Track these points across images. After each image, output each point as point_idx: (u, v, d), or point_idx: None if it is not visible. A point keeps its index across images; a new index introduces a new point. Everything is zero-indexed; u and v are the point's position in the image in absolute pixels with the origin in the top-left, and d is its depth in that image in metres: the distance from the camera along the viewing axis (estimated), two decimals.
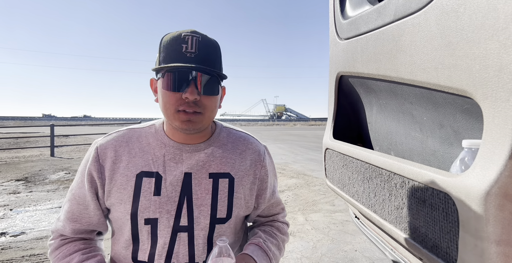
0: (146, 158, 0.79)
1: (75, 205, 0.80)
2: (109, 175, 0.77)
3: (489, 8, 0.55)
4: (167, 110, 0.73)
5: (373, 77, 0.98)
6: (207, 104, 0.74)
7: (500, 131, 0.52)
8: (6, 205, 4.02)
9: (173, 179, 0.78)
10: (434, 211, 0.64)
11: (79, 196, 0.80)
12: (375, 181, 0.91)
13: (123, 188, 0.76)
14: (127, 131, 0.85)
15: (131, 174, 0.77)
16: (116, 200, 0.77)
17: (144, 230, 0.76)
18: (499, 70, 0.53)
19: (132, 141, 0.82)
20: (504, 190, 0.50)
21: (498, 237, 0.50)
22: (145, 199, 0.76)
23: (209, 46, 0.74)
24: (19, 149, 9.51)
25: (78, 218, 0.80)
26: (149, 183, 0.76)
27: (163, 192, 0.77)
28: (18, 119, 49.71)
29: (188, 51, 0.71)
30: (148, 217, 0.76)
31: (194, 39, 0.72)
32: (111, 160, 0.78)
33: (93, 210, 0.79)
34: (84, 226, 0.81)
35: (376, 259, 2.51)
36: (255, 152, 0.89)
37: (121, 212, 0.77)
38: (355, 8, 1.13)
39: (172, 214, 0.76)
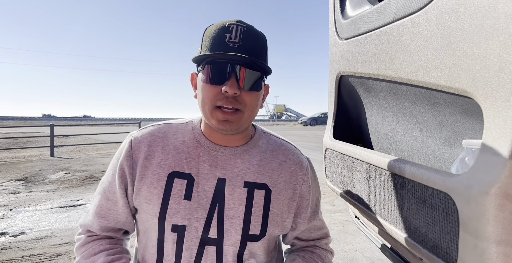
0: (179, 156, 0.74)
1: (104, 200, 0.76)
2: (140, 172, 0.72)
3: (489, 8, 0.55)
4: (205, 105, 0.68)
5: (373, 77, 0.98)
6: (247, 101, 0.67)
7: (500, 131, 0.52)
8: (6, 205, 4.02)
9: (206, 184, 0.72)
10: (434, 211, 0.64)
11: (109, 190, 0.75)
12: (375, 181, 0.91)
13: (153, 187, 0.71)
14: (164, 126, 0.79)
15: (163, 173, 0.72)
16: (145, 199, 0.71)
17: (170, 238, 0.70)
18: (499, 70, 0.53)
19: (168, 137, 0.76)
20: (505, 190, 0.50)
21: (499, 237, 0.50)
22: (175, 203, 0.70)
23: (254, 37, 0.68)
24: (19, 149, 9.51)
25: (106, 214, 0.76)
26: (180, 185, 0.71)
27: (194, 197, 0.71)
28: (18, 119, 49.76)
29: (231, 40, 0.65)
30: (176, 224, 0.70)
31: (239, 28, 0.66)
32: (144, 155, 0.73)
33: (121, 207, 0.75)
34: (111, 224, 0.77)
35: (376, 259, 2.51)
36: (296, 163, 0.81)
37: (149, 214, 0.71)
38: (355, 8, 1.13)
39: (201, 223, 0.70)
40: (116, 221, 0.77)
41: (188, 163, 0.73)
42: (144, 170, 0.72)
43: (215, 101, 0.66)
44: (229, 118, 0.66)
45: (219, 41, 0.66)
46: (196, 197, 0.71)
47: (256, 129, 0.83)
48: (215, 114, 0.67)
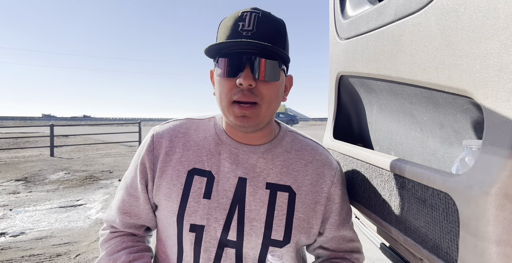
0: (200, 153, 0.71)
1: (126, 195, 0.75)
2: (160, 168, 0.70)
3: (490, 8, 0.55)
4: (222, 101, 0.64)
5: (373, 77, 0.97)
6: (264, 92, 0.62)
7: (501, 131, 0.52)
8: (6, 205, 4.02)
9: (226, 182, 0.69)
10: (435, 211, 0.64)
11: (131, 186, 0.74)
12: (375, 181, 0.91)
13: (173, 184, 0.69)
14: (186, 121, 0.77)
15: (183, 169, 0.70)
16: (164, 196, 0.70)
17: (188, 238, 0.68)
18: (499, 70, 0.52)
19: (189, 132, 0.74)
20: (505, 190, 0.50)
21: (499, 237, 0.50)
22: (194, 201, 0.68)
23: (270, 23, 0.63)
24: (19, 149, 9.50)
25: (128, 210, 0.75)
26: (200, 183, 0.69)
27: (213, 196, 0.68)
28: (17, 119, 49.72)
29: (244, 29, 0.61)
30: (194, 223, 0.67)
31: (253, 15, 0.62)
32: (164, 150, 0.71)
33: (143, 203, 0.73)
34: (133, 220, 0.75)
35: (376, 259, 2.51)
36: (324, 165, 0.76)
37: (168, 212, 0.69)
38: (355, 7, 1.13)
39: (220, 224, 0.67)
40: (138, 217, 0.75)
41: (208, 160, 0.70)
42: (164, 166, 0.70)
43: (231, 95, 0.62)
44: (246, 113, 0.62)
45: (232, 31, 0.61)
46: (216, 196, 0.68)
47: (281, 127, 0.79)
48: (232, 110, 0.63)
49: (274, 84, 0.64)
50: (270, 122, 0.71)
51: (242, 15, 0.62)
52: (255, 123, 0.64)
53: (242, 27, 0.61)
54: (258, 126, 0.65)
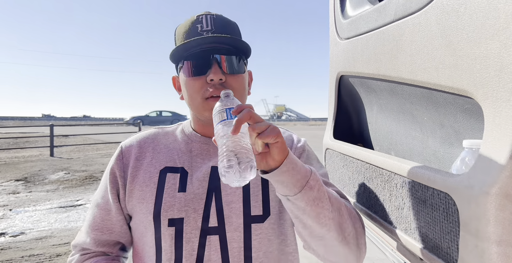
0: (171, 153, 0.73)
1: (97, 211, 0.74)
2: (131, 173, 0.71)
3: (490, 8, 0.55)
4: (194, 100, 0.67)
5: (374, 77, 0.97)
6: (234, 85, 0.66)
7: (501, 131, 0.52)
8: (6, 205, 4.02)
9: (200, 174, 0.70)
10: (435, 211, 0.64)
11: (102, 199, 0.74)
12: (375, 181, 0.91)
13: (146, 185, 0.70)
14: (153, 130, 0.80)
15: (155, 170, 0.71)
16: (138, 199, 0.69)
17: (167, 234, 0.67)
18: (499, 70, 0.52)
19: (158, 138, 0.77)
20: (505, 190, 0.50)
21: (499, 237, 0.50)
22: (169, 196, 0.68)
23: (227, 22, 0.68)
24: (19, 149, 9.50)
25: (100, 226, 0.73)
26: (173, 179, 0.69)
27: (188, 188, 0.69)
28: (17, 119, 49.69)
29: (204, 29, 0.65)
30: (172, 217, 0.67)
31: (209, 17, 0.66)
32: (134, 156, 0.73)
33: (115, 215, 0.73)
34: (106, 235, 0.73)
35: (376, 259, 2.51)
36: (289, 140, 0.79)
37: (143, 213, 0.68)
38: (356, 7, 1.13)
39: (199, 213, 0.67)
40: (111, 231, 0.74)
41: (180, 158, 0.72)
42: (135, 171, 0.71)
43: (203, 92, 0.65)
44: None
45: (191, 34, 0.65)
46: (191, 188, 0.69)
47: None
48: (207, 104, 0.65)
49: (241, 77, 0.68)
50: None
51: (198, 18, 0.66)
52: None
53: (201, 29, 0.65)
54: None
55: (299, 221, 0.58)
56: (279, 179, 0.54)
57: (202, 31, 0.65)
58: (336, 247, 0.60)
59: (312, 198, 0.55)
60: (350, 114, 1.36)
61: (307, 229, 0.58)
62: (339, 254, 0.62)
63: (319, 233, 0.58)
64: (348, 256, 0.62)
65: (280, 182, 0.54)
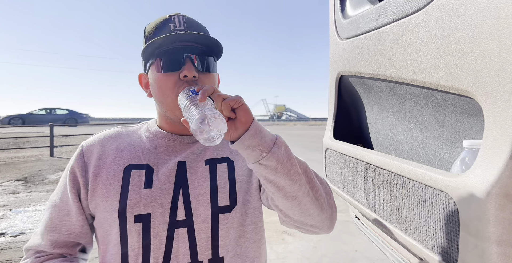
0: (135, 151, 0.72)
1: (55, 212, 0.71)
2: (94, 172, 0.70)
3: (490, 8, 0.55)
4: (166, 97, 0.66)
5: (374, 77, 0.97)
6: (207, 83, 0.67)
7: (501, 131, 0.52)
8: (6, 205, 4.01)
9: (166, 169, 0.70)
10: (435, 211, 0.64)
11: (61, 200, 0.71)
12: (375, 181, 0.90)
13: (109, 183, 0.68)
14: (117, 129, 0.79)
15: (119, 168, 0.70)
16: (101, 198, 0.68)
17: (133, 230, 0.66)
18: (499, 70, 0.52)
19: (122, 136, 0.75)
20: (505, 190, 0.50)
21: (499, 237, 0.50)
22: (135, 193, 0.67)
23: (198, 24, 0.70)
24: (19, 149, 9.50)
25: (57, 227, 0.70)
26: (138, 176, 0.69)
27: (155, 184, 0.68)
28: None
29: (177, 28, 0.65)
30: (138, 213, 0.66)
31: (181, 17, 0.68)
32: (97, 155, 0.71)
33: (75, 215, 0.70)
34: (65, 236, 0.71)
35: (376, 260, 2.51)
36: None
37: (107, 211, 0.67)
38: (356, 7, 1.13)
39: (166, 208, 0.67)
40: (70, 232, 0.71)
41: (144, 155, 0.71)
42: (98, 169, 0.70)
43: (176, 89, 0.65)
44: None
45: (163, 32, 0.65)
46: (157, 184, 0.69)
47: None
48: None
49: (213, 76, 0.69)
50: None
51: (171, 18, 0.67)
52: None
53: (174, 27, 0.65)
54: None
55: (272, 184, 0.60)
56: (249, 143, 0.56)
57: (175, 29, 0.65)
58: (309, 206, 0.62)
59: (282, 156, 0.58)
60: (350, 114, 1.36)
61: (280, 190, 0.60)
62: (314, 214, 0.64)
63: (293, 192, 0.60)
64: (322, 215, 0.65)
65: (250, 147, 0.56)
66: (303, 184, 0.61)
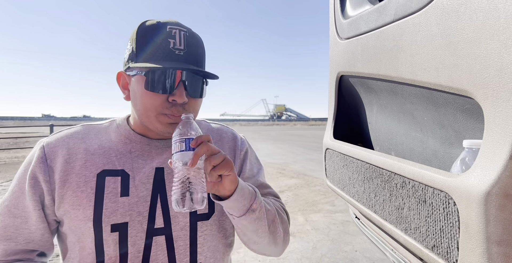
0: (108, 155, 0.67)
1: (8, 219, 0.65)
2: (60, 177, 0.64)
3: (490, 8, 0.55)
4: (148, 112, 0.64)
5: (374, 77, 0.97)
6: (194, 107, 0.67)
7: (501, 131, 0.52)
8: None
9: (143, 176, 0.67)
10: (435, 211, 0.64)
11: (16, 206, 0.65)
12: (375, 181, 0.91)
13: (81, 190, 0.64)
14: (81, 128, 0.72)
15: (90, 173, 0.65)
16: (72, 205, 0.64)
17: (110, 239, 0.64)
18: (500, 70, 0.52)
19: (89, 137, 0.70)
20: (505, 190, 0.50)
21: (499, 237, 0.50)
22: (111, 202, 0.64)
23: (197, 43, 0.67)
24: (19, 149, 9.50)
25: (13, 235, 0.65)
26: (114, 183, 0.65)
27: (132, 192, 0.66)
28: (17, 119, 49.52)
29: (176, 47, 0.63)
30: (115, 223, 0.64)
31: (182, 33, 0.64)
32: (63, 159, 0.65)
33: (35, 223, 0.65)
34: (21, 245, 0.66)
35: (376, 260, 2.51)
36: (232, 140, 0.82)
37: (80, 220, 0.63)
38: (356, 7, 1.13)
39: (144, 216, 0.66)
40: (29, 241, 0.66)
41: (119, 160, 0.68)
42: (66, 175, 0.65)
43: (162, 109, 0.63)
44: (177, 121, 0.63)
45: (163, 47, 0.62)
46: (135, 191, 0.66)
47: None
48: (162, 118, 0.64)
49: (201, 100, 0.69)
50: None
51: (171, 32, 0.63)
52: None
53: (174, 45, 0.63)
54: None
55: (241, 232, 0.70)
56: (227, 205, 0.63)
57: (175, 48, 0.63)
58: (267, 247, 0.74)
59: (254, 218, 0.66)
60: (350, 114, 1.36)
61: (246, 237, 0.71)
62: (270, 250, 0.76)
63: (256, 241, 0.71)
64: (276, 250, 0.76)
65: (229, 207, 0.64)
66: (267, 238, 0.70)
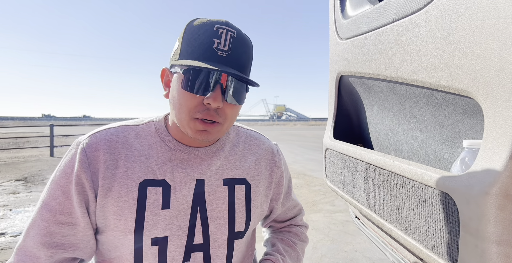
0: (148, 163, 0.65)
1: (55, 226, 0.62)
2: (103, 185, 0.62)
3: (490, 8, 0.55)
4: (182, 114, 0.61)
5: (374, 77, 0.97)
6: (229, 113, 0.63)
7: (501, 131, 0.52)
8: (6, 206, 4.01)
9: (184, 187, 0.65)
10: (435, 211, 0.64)
11: (61, 212, 0.62)
12: (375, 181, 0.91)
13: (123, 200, 0.62)
14: (121, 129, 0.69)
15: (132, 183, 0.63)
16: (113, 215, 0.62)
17: (150, 253, 0.62)
18: (499, 70, 0.52)
19: (130, 142, 0.67)
20: (505, 190, 0.50)
21: (499, 237, 0.50)
22: (152, 214, 0.63)
23: (244, 46, 0.63)
24: (19, 149, 9.50)
25: (60, 242, 0.63)
26: (155, 194, 0.64)
27: (173, 204, 0.64)
28: (17, 119, 49.54)
29: (220, 48, 0.59)
30: (156, 236, 0.62)
31: (229, 34, 0.60)
32: (104, 165, 0.63)
33: (83, 230, 0.63)
34: (68, 253, 0.64)
35: (376, 260, 2.51)
36: (268, 152, 0.79)
37: (121, 231, 0.62)
38: (356, 7, 1.13)
39: (184, 231, 0.64)
40: (75, 248, 0.64)
41: (160, 169, 0.65)
42: (108, 183, 0.62)
43: (195, 112, 0.60)
44: (208, 128, 0.61)
45: (206, 46, 0.59)
46: (176, 204, 0.64)
47: None
48: (193, 124, 0.61)
49: (239, 107, 0.65)
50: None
51: (218, 31, 0.60)
52: (214, 137, 0.63)
53: (218, 46, 0.59)
54: (215, 140, 0.67)
55: None
56: None
57: (218, 49, 0.59)
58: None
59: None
60: (350, 114, 1.36)
61: None
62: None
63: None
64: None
65: None
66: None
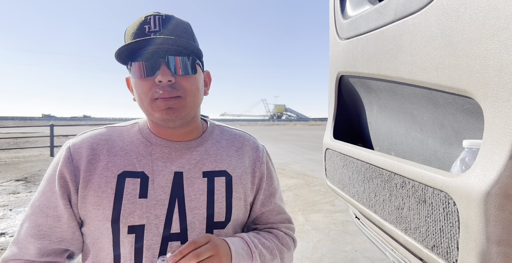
0: (129, 157, 0.68)
1: (42, 219, 0.66)
2: (84, 177, 0.65)
3: (490, 8, 0.55)
4: (143, 101, 0.64)
5: (374, 77, 0.97)
6: (185, 86, 0.64)
7: (501, 131, 0.52)
8: (6, 205, 4.01)
9: (162, 179, 0.68)
10: (435, 211, 0.64)
11: (48, 206, 0.66)
12: (375, 181, 0.91)
13: (102, 191, 0.65)
14: (106, 130, 0.73)
15: (112, 174, 0.66)
16: (93, 205, 0.65)
17: (126, 241, 0.64)
18: (499, 70, 0.52)
19: (113, 139, 0.71)
20: (505, 190, 0.50)
21: (499, 237, 0.50)
22: (129, 203, 0.65)
23: (177, 23, 0.65)
24: (19, 149, 9.51)
25: (47, 234, 0.66)
26: (133, 184, 0.66)
27: (150, 194, 0.66)
28: (17, 119, 49.53)
29: (151, 30, 0.62)
30: (132, 224, 0.64)
31: (157, 17, 0.63)
32: (86, 159, 0.66)
33: (67, 221, 0.66)
34: (55, 244, 0.67)
35: (376, 260, 2.51)
36: (253, 148, 0.81)
37: (99, 220, 0.64)
38: (356, 7, 1.13)
39: (161, 220, 0.66)
40: (61, 239, 0.67)
41: (139, 162, 0.68)
42: (89, 175, 0.66)
43: (152, 93, 0.62)
44: (170, 104, 0.62)
45: (139, 35, 0.62)
46: (153, 194, 0.66)
47: (209, 123, 0.82)
48: (156, 105, 0.63)
49: (193, 78, 0.66)
50: (196, 116, 0.73)
51: (146, 19, 0.63)
52: (182, 114, 0.64)
53: (149, 29, 0.62)
54: (184, 118, 0.66)
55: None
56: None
57: (149, 32, 0.62)
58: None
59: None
60: (350, 114, 1.36)
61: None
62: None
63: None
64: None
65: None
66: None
